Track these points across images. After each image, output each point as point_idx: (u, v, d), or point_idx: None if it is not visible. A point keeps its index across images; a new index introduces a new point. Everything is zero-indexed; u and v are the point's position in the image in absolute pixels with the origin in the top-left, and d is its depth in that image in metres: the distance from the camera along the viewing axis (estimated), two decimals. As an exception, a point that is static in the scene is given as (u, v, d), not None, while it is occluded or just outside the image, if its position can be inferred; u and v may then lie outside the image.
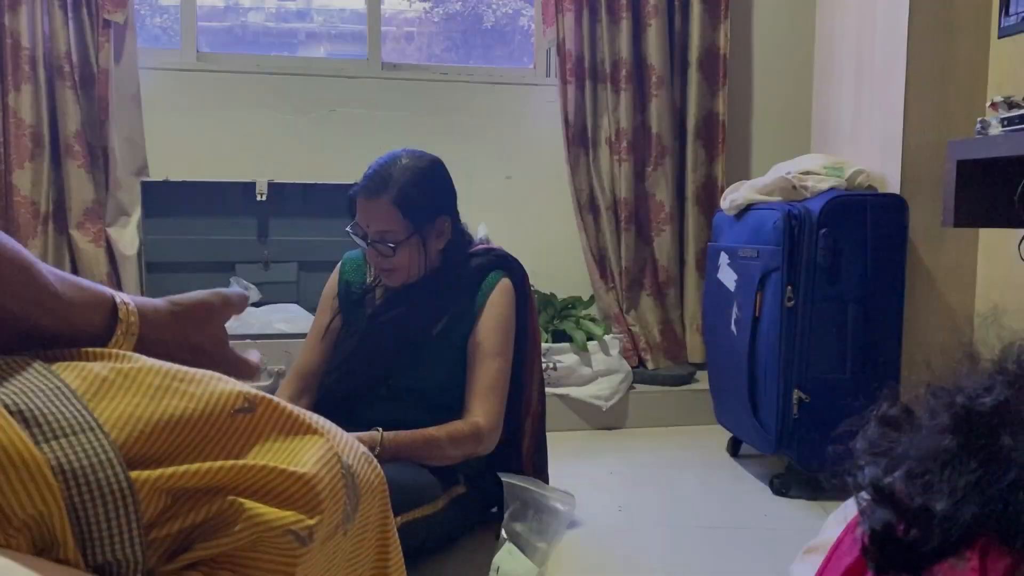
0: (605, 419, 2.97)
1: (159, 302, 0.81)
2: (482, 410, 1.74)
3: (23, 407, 0.58)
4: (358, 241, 1.80)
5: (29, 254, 0.67)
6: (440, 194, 1.82)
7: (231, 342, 0.88)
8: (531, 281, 3.21)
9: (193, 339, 0.81)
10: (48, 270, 0.69)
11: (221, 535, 0.61)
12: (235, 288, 0.93)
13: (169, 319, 0.79)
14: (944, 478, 0.57)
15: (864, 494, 0.63)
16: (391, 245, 1.74)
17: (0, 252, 0.63)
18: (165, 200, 2.92)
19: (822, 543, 0.72)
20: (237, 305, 0.87)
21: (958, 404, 0.61)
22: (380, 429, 1.64)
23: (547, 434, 2.09)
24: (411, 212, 1.74)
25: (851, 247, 2.26)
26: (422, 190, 1.76)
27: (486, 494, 1.91)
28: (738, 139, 3.39)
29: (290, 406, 0.69)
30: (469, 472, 1.83)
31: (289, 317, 2.75)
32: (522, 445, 1.98)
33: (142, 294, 2.90)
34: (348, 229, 1.81)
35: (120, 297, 0.76)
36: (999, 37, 2.48)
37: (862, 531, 0.61)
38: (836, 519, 0.72)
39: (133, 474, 0.59)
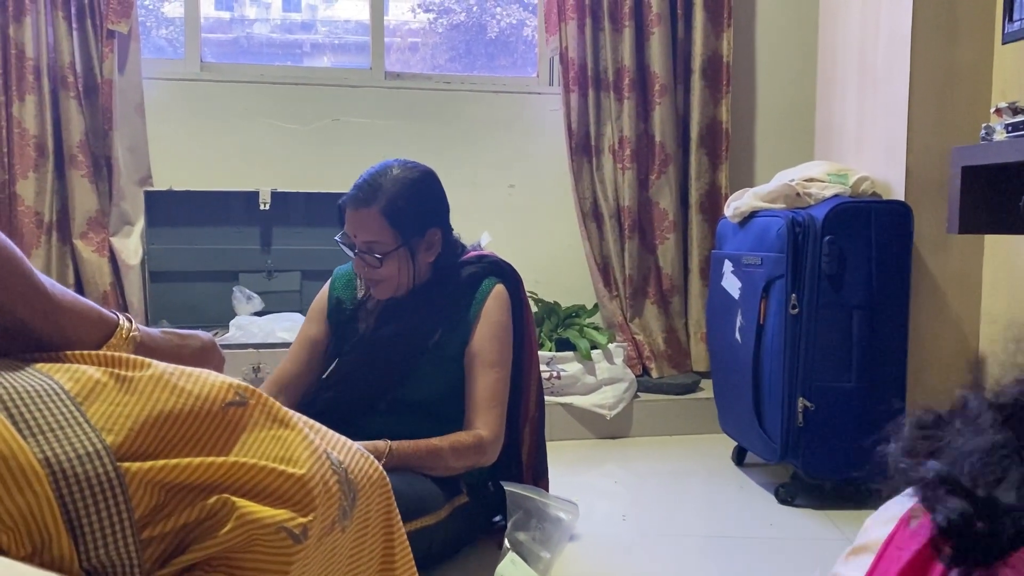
0: (609, 428, 2.96)
1: (154, 331, 0.83)
2: (484, 421, 1.73)
3: (8, 403, 0.58)
4: (346, 251, 1.78)
5: (20, 253, 0.67)
6: (430, 206, 1.78)
7: (234, 351, 0.90)
8: (534, 289, 3.22)
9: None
10: (44, 277, 0.69)
11: (214, 536, 0.60)
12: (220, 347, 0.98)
13: (165, 346, 0.81)
14: (1004, 470, 0.58)
15: (926, 489, 0.63)
16: (378, 256, 1.72)
17: None
18: (168, 210, 2.92)
19: (870, 543, 0.71)
20: (220, 356, 0.92)
21: (1005, 401, 0.62)
22: (389, 442, 1.63)
23: (551, 443, 2.08)
24: (399, 223, 1.72)
25: (856, 254, 2.24)
26: (411, 202, 1.73)
27: (488, 503, 1.90)
28: (742, 146, 3.39)
29: (278, 403, 0.69)
30: (471, 482, 1.82)
31: (292, 326, 2.74)
32: (521, 453, 1.97)
33: (146, 304, 2.92)
34: (337, 239, 1.79)
35: (124, 319, 0.77)
36: (1003, 43, 2.48)
37: (933, 524, 0.60)
38: (880, 520, 0.72)
39: (123, 466, 0.58)
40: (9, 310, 0.64)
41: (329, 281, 1.98)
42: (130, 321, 0.79)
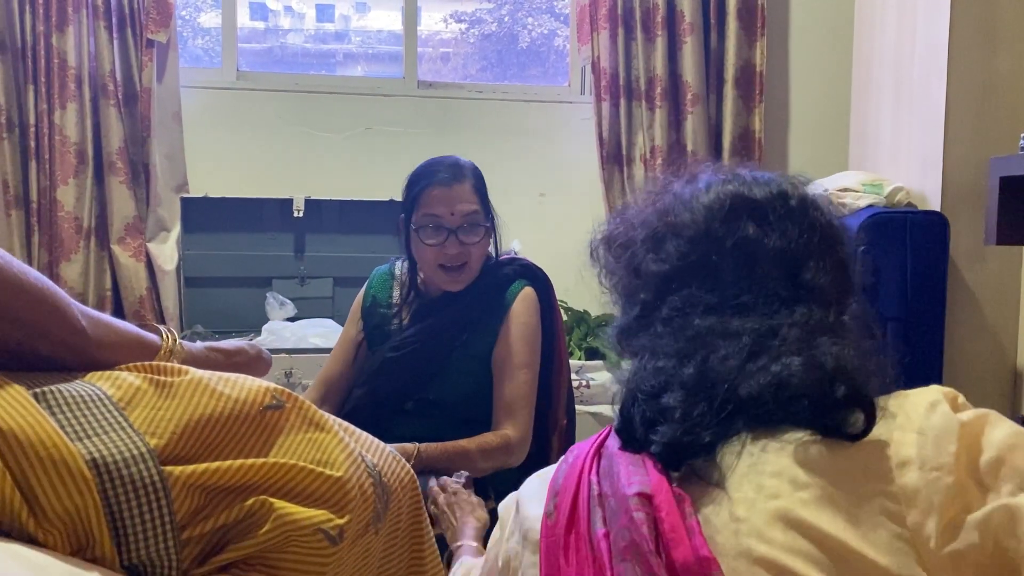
0: (639, 438, 2.94)
1: (198, 347, 0.84)
2: (511, 422, 1.73)
3: (55, 408, 0.59)
4: (428, 239, 1.72)
5: (56, 290, 0.66)
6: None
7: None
8: (564, 298, 3.21)
9: None
10: (83, 311, 0.68)
11: (252, 535, 0.61)
12: (267, 350, 0.97)
13: (207, 365, 0.81)
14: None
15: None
16: (483, 226, 1.74)
17: (26, 291, 0.62)
18: (204, 216, 2.96)
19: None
20: (267, 362, 0.92)
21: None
22: (417, 444, 1.64)
23: (580, 451, 2.07)
24: (484, 200, 1.77)
25: (890, 265, 2.22)
26: (484, 182, 1.80)
27: (517, 510, 1.90)
28: (775, 156, 3.36)
29: (313, 406, 0.70)
30: (499, 488, 1.82)
31: (324, 332, 2.76)
32: (549, 462, 1.96)
33: (180, 308, 2.96)
34: (414, 225, 1.74)
35: (167, 336, 0.77)
36: (1043, 52, 2.45)
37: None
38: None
39: (166, 470, 0.59)
40: (52, 357, 0.65)
41: (368, 280, 1.99)
42: (173, 339, 0.79)
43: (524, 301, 1.81)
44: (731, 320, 0.75)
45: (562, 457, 0.85)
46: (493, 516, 1.77)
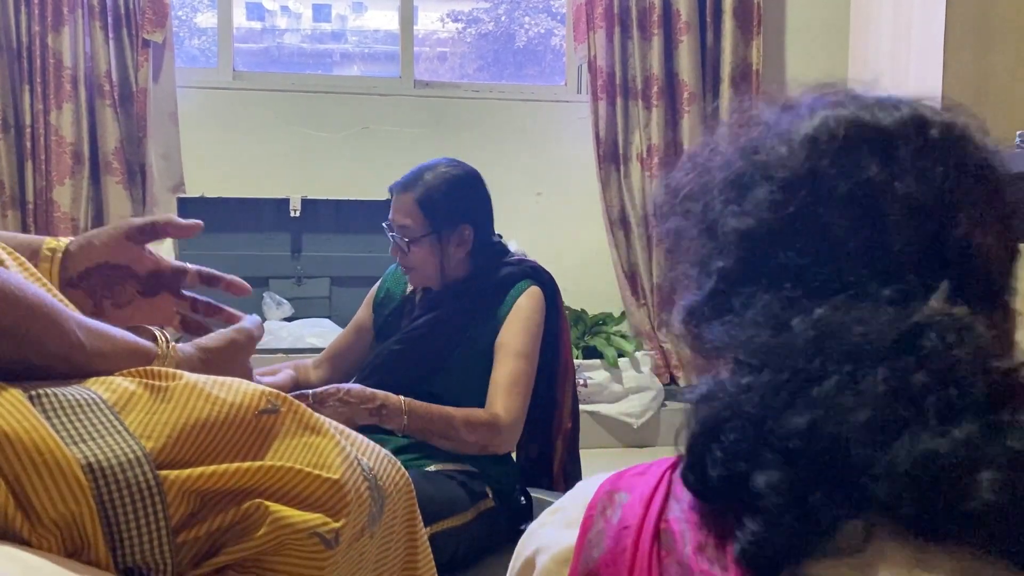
0: (636, 437, 2.94)
1: (189, 349, 0.83)
2: (502, 404, 1.74)
3: (50, 413, 0.59)
4: (388, 235, 1.85)
5: (55, 304, 0.65)
6: (466, 203, 1.84)
7: (262, 356, 0.91)
8: (562, 297, 3.21)
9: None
10: (79, 321, 0.68)
11: (247, 539, 0.61)
12: (251, 317, 0.95)
13: (200, 367, 0.81)
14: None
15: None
16: (407, 240, 1.79)
17: (23, 306, 0.62)
18: (200, 216, 2.91)
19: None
20: (257, 336, 0.91)
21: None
22: (402, 398, 1.66)
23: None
24: (432, 213, 1.79)
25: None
26: (447, 195, 1.80)
27: (515, 510, 1.90)
28: (771, 155, 3.37)
29: (309, 410, 0.70)
30: (497, 487, 1.82)
31: (321, 332, 2.76)
32: (553, 463, 1.97)
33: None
34: (384, 224, 1.86)
35: (162, 342, 0.77)
36: (1038, 50, 2.45)
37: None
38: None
39: (162, 474, 0.59)
40: (48, 370, 0.65)
41: (383, 275, 2.04)
42: (167, 341, 0.79)
43: (529, 297, 1.83)
44: (851, 318, 0.51)
45: (596, 499, 0.61)
46: (491, 516, 1.78)
